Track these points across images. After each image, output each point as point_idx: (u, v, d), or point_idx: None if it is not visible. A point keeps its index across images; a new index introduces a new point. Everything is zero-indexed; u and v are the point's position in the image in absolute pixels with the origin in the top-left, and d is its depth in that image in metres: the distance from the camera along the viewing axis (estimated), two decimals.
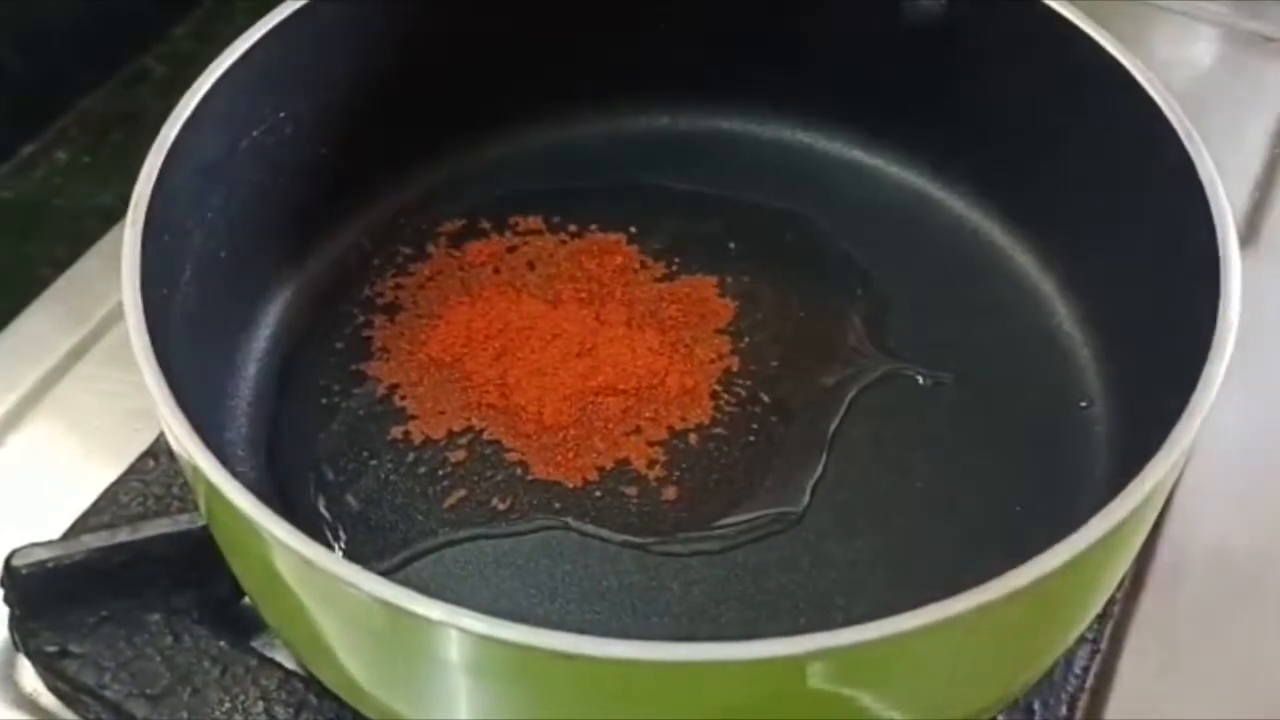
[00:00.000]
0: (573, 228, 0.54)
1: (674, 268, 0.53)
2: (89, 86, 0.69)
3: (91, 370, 0.55)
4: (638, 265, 0.53)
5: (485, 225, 0.55)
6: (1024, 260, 0.53)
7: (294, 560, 0.35)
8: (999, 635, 0.36)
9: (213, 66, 0.45)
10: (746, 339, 0.51)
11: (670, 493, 0.47)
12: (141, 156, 0.43)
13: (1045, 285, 0.53)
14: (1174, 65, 0.69)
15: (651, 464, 0.47)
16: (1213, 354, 0.39)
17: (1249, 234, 0.60)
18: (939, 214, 0.55)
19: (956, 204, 0.55)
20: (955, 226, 0.55)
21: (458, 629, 0.33)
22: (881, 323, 0.52)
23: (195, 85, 0.45)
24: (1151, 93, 0.45)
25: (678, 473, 0.47)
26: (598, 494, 0.47)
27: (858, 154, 0.57)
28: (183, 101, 0.44)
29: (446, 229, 0.55)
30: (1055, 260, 0.53)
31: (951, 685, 0.37)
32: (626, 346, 0.50)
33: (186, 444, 0.36)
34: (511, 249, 0.54)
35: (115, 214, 0.44)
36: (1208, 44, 0.70)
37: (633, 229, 0.54)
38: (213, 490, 0.36)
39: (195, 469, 0.37)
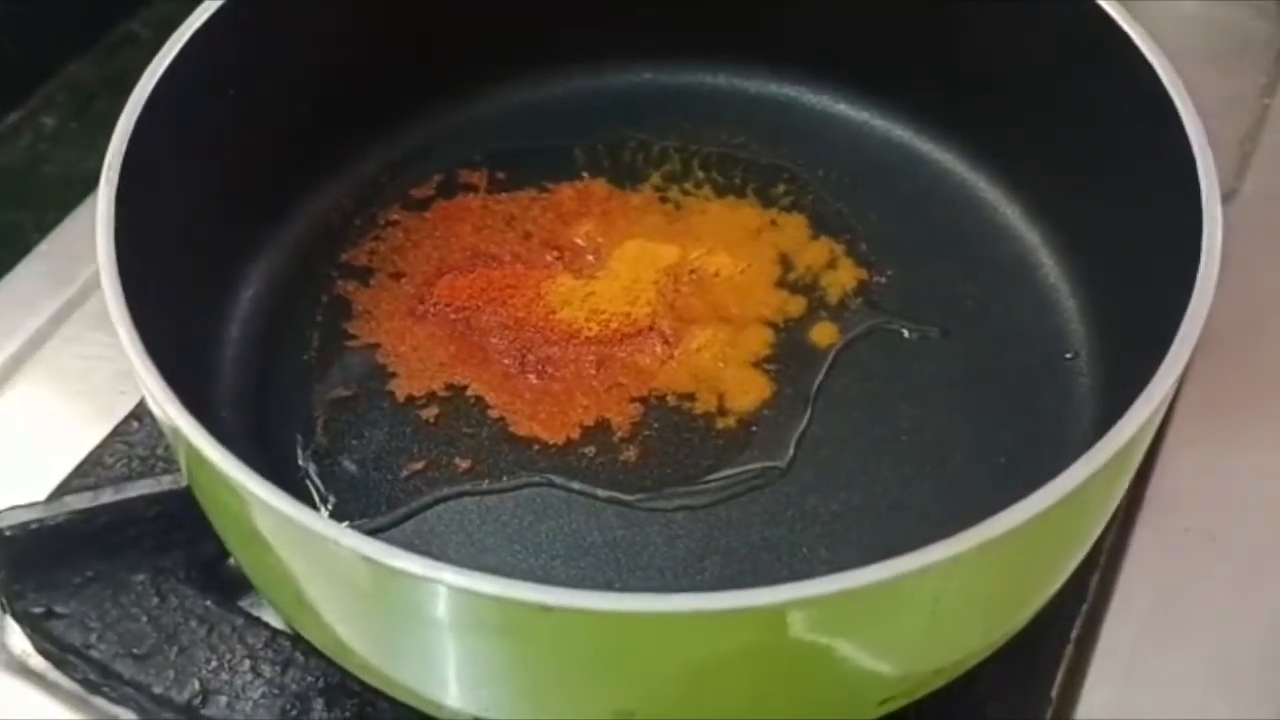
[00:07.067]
0: (552, 184, 0.54)
1: (657, 222, 0.53)
2: (75, 52, 0.68)
3: (77, 332, 0.55)
4: (620, 221, 0.53)
5: (466, 183, 0.54)
6: (1010, 213, 0.53)
7: (275, 519, 0.35)
8: (980, 584, 0.36)
9: (186, 24, 0.45)
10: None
11: (654, 448, 0.47)
12: None
13: (1031, 238, 0.52)
14: (1164, 17, 0.68)
15: (633, 420, 0.47)
16: (1193, 305, 0.38)
17: (1237, 187, 0.59)
18: (925, 167, 0.55)
19: (943, 157, 0.55)
20: (941, 180, 0.55)
21: (439, 584, 0.33)
22: (867, 276, 0.51)
23: (168, 43, 0.44)
24: (1139, 44, 0.45)
25: (660, 428, 0.47)
26: (581, 450, 0.47)
27: (843, 108, 0.57)
28: (156, 60, 0.44)
29: (427, 188, 0.54)
30: (1041, 213, 0.53)
31: (933, 634, 0.37)
32: (607, 302, 0.50)
33: (164, 404, 0.36)
34: (491, 206, 0.54)
35: None
36: None
37: (614, 185, 0.54)
38: (191, 450, 0.36)
39: (174, 429, 0.36)
